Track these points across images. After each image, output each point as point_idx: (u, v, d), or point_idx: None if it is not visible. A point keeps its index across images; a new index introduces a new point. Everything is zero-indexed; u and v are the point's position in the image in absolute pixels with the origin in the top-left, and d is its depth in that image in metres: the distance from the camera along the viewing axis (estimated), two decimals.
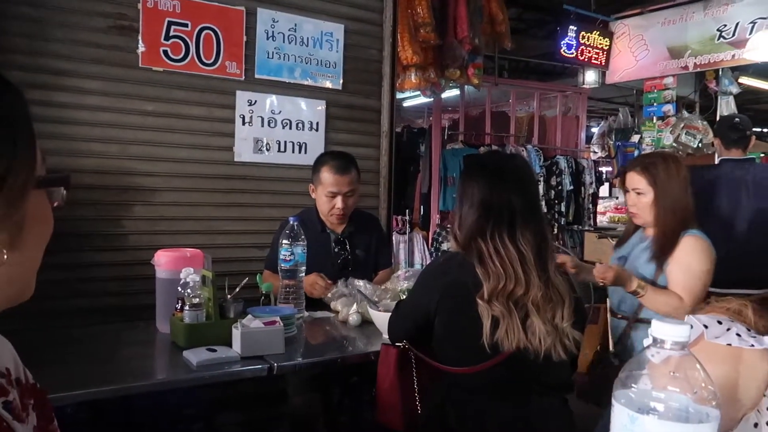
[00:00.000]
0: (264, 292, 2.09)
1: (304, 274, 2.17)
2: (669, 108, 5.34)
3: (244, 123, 2.86)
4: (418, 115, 8.62)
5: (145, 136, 2.64)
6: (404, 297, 2.03)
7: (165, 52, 2.65)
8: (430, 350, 1.70)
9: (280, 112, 2.96)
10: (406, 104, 7.66)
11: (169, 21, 2.64)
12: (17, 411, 0.62)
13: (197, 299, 1.83)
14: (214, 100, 2.79)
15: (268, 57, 2.91)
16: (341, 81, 3.11)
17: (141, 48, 2.60)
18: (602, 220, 7.52)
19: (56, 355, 1.75)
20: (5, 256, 0.54)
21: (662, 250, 2.13)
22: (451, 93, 6.02)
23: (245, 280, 2.01)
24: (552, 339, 1.55)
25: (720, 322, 0.88)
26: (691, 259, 2.09)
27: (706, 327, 0.88)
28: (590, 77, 6.13)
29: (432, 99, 5.85)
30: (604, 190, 8.57)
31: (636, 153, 5.40)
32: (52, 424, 0.69)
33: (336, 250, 2.50)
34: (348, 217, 2.52)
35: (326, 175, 2.43)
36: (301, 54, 3.00)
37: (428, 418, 1.67)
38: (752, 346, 0.82)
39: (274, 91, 2.93)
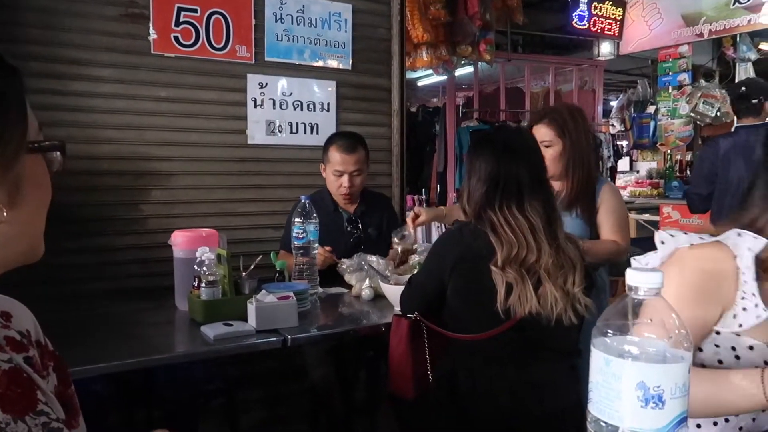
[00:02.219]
0: (278, 269, 2.15)
1: (316, 251, 2.22)
2: (684, 77, 5.25)
3: (255, 106, 2.91)
4: (433, 94, 8.58)
5: (160, 121, 2.70)
6: (416, 271, 2.07)
7: (176, 38, 2.69)
8: (441, 323, 1.74)
9: (291, 93, 2.99)
10: (420, 83, 7.63)
11: (178, 7, 2.68)
12: (37, 367, 0.67)
13: (213, 277, 1.89)
14: (225, 84, 2.83)
15: (277, 39, 2.94)
16: (351, 61, 3.13)
17: (152, 35, 2.64)
18: (623, 194, 7.46)
19: (81, 334, 1.83)
20: (5, 214, 0.59)
21: (577, 201, 2.21)
22: (465, 70, 5.99)
23: (259, 258, 2.07)
24: (564, 304, 1.59)
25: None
26: (615, 203, 2.23)
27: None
28: (605, 49, 6.05)
29: (445, 77, 5.83)
30: (624, 164, 8.46)
31: (652, 124, 5.34)
32: (70, 388, 0.74)
33: (348, 229, 2.55)
34: (357, 197, 2.57)
35: (334, 154, 2.49)
36: (310, 35, 3.02)
37: (438, 385, 1.71)
38: None
39: (284, 74, 2.96)
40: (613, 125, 7.74)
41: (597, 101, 6.77)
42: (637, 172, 8.05)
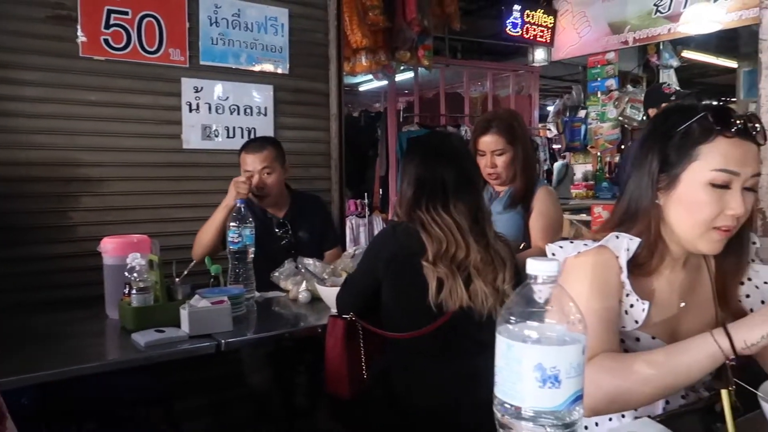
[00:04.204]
0: (213, 274, 2.13)
1: (253, 256, 2.21)
2: (612, 82, 5.51)
3: (191, 110, 2.87)
4: (376, 99, 8.62)
5: (90, 126, 2.63)
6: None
7: (106, 41, 2.63)
8: (377, 323, 1.77)
9: (228, 98, 2.97)
10: (362, 88, 7.66)
11: (108, 9, 2.62)
12: None
13: (144, 283, 1.85)
14: (159, 88, 2.78)
15: (212, 43, 2.92)
16: (288, 65, 3.13)
17: (81, 37, 2.58)
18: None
19: (7, 346, 1.77)
20: None
21: (522, 200, 2.29)
22: (405, 76, 6.06)
23: (193, 263, 2.05)
24: (494, 300, 1.65)
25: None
26: (546, 207, 2.28)
27: None
28: (539, 55, 6.25)
29: (386, 82, 5.89)
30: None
31: (583, 128, 5.56)
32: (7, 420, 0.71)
33: (279, 233, 2.55)
34: (283, 200, 2.60)
35: (243, 156, 2.53)
36: (246, 39, 3.01)
37: (374, 383, 1.74)
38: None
39: (220, 78, 2.94)
40: (549, 129, 8.01)
41: (533, 106, 6.98)
42: (574, 174, 8.35)
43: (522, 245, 2.26)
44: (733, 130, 1.05)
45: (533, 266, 0.70)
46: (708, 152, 1.06)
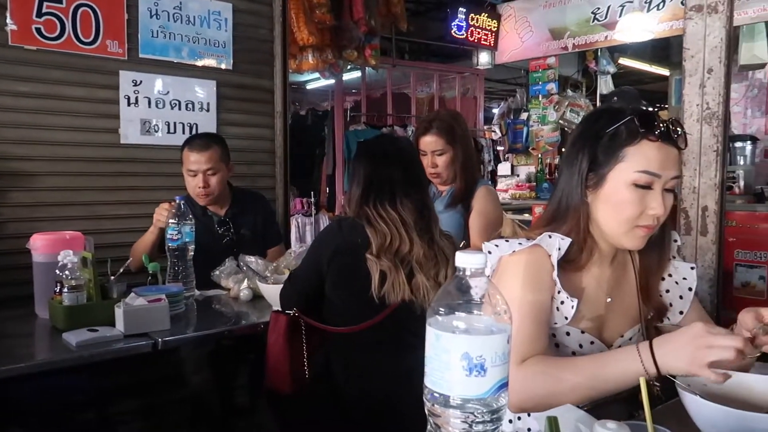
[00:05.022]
0: (150, 271, 2.08)
1: (192, 254, 2.17)
2: (552, 86, 5.69)
3: (129, 104, 2.79)
4: (323, 98, 8.58)
5: (21, 118, 2.53)
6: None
7: (38, 29, 2.53)
8: (320, 319, 1.78)
9: (168, 92, 2.90)
10: (310, 87, 7.61)
11: None
12: None
13: (76, 281, 1.79)
14: (95, 81, 2.69)
15: (152, 36, 2.84)
16: (231, 61, 3.09)
17: (10, 25, 2.47)
18: (504, 196, 7.88)
19: None
20: None
21: (463, 199, 2.33)
22: (353, 75, 6.07)
23: (129, 261, 1.99)
24: (435, 294, 1.68)
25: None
26: (485, 206, 2.32)
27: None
28: (484, 58, 6.37)
29: (334, 81, 5.88)
30: (506, 168, 8.93)
31: (525, 130, 5.71)
32: None
33: (220, 231, 2.51)
34: (225, 198, 2.56)
35: (186, 153, 2.46)
36: (188, 33, 2.95)
37: (314, 377, 1.75)
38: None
39: (160, 71, 2.87)
40: (494, 131, 8.17)
41: (478, 108, 7.11)
42: (518, 175, 8.55)
43: (462, 244, 2.30)
44: (656, 133, 1.10)
45: (461, 259, 0.72)
46: (633, 154, 1.11)
